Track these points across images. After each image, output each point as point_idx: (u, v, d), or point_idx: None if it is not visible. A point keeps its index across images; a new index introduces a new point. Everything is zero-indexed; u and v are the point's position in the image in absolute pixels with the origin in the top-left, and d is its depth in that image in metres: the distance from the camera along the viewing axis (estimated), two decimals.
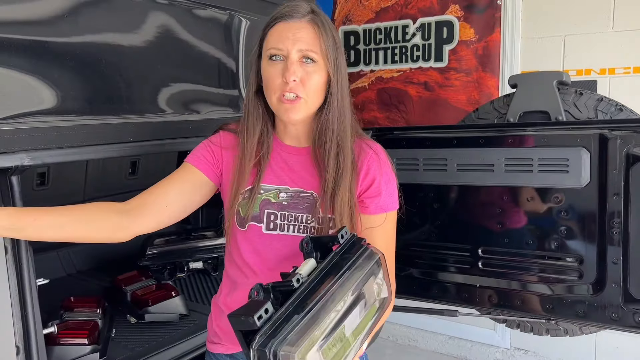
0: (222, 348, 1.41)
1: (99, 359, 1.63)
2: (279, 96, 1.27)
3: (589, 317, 1.91)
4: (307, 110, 1.30)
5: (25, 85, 1.37)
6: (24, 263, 1.34)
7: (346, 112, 1.33)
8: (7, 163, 1.28)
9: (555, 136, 1.94)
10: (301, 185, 1.34)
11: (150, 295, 1.98)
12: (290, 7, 1.29)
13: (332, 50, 1.27)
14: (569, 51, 3.14)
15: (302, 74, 1.25)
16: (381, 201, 1.34)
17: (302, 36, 1.25)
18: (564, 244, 1.95)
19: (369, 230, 1.34)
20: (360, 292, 1.09)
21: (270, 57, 1.27)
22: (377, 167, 1.34)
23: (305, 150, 1.37)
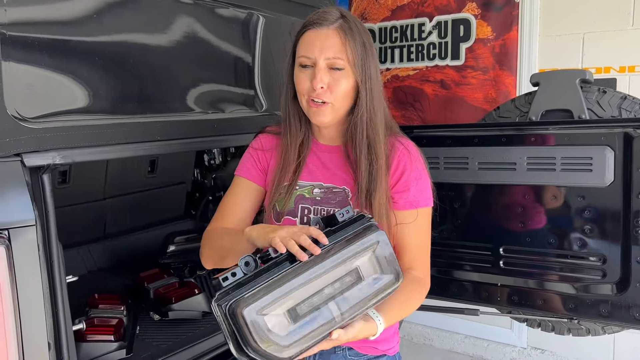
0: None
1: (126, 356, 1.64)
2: (307, 99, 1.33)
3: (612, 316, 1.90)
4: (335, 114, 1.34)
5: (55, 85, 1.39)
6: (54, 260, 1.36)
7: (377, 113, 1.35)
8: (39, 162, 1.30)
9: (579, 135, 1.93)
10: (333, 181, 1.39)
11: (173, 292, 1.99)
12: (319, 14, 1.33)
13: (360, 56, 1.30)
14: (588, 49, 3.11)
15: (329, 80, 1.30)
16: (410, 196, 1.36)
17: (329, 44, 1.29)
18: (587, 243, 1.94)
19: (401, 227, 1.36)
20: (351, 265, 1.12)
21: (301, 65, 1.33)
22: (406, 162, 1.37)
23: (338, 149, 1.42)
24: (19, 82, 1.30)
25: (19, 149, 1.27)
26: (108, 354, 1.61)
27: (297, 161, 1.40)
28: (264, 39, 1.98)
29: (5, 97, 1.26)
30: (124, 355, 1.65)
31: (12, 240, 1.22)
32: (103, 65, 1.47)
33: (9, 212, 1.24)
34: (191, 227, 2.99)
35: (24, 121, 1.29)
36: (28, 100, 1.31)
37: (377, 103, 1.35)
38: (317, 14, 1.33)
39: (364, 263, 1.14)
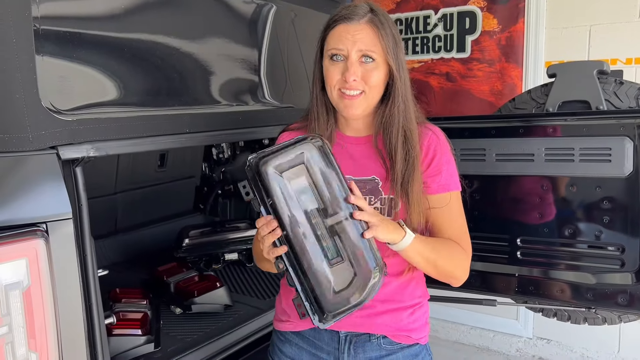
0: (290, 325, 1.46)
1: (154, 349, 1.64)
2: (338, 92, 1.34)
3: (631, 305, 1.92)
4: (367, 105, 1.36)
5: (87, 78, 1.38)
6: (88, 254, 1.35)
7: (410, 103, 1.39)
8: (73, 154, 1.29)
9: (597, 125, 1.94)
10: (362, 172, 1.39)
11: (195, 286, 1.99)
12: (349, 9, 1.34)
13: (392, 47, 1.33)
14: (595, 41, 3.13)
15: (362, 72, 1.32)
16: (442, 180, 1.39)
17: (361, 37, 1.31)
18: (606, 233, 1.95)
19: (435, 211, 1.39)
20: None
21: (332, 57, 1.34)
22: (436, 146, 1.40)
23: (365, 139, 1.43)
24: (52, 75, 1.29)
25: (54, 142, 1.26)
26: (137, 348, 1.60)
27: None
28: (289, 33, 1.98)
29: (39, 89, 1.24)
30: (152, 349, 1.64)
31: (50, 234, 1.21)
32: (133, 58, 1.46)
33: (47, 205, 1.23)
34: (201, 221, 2.98)
35: (58, 113, 1.28)
36: (61, 93, 1.30)
37: (409, 93, 1.39)
38: (347, 8, 1.35)
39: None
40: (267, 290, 2.23)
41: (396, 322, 1.40)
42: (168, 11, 1.56)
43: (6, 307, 1.13)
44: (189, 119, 1.56)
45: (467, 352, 3.65)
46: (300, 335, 1.45)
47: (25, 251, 1.16)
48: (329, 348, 1.41)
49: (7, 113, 1.20)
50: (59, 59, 1.31)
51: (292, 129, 1.48)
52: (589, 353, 3.36)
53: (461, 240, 1.43)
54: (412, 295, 1.44)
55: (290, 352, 1.46)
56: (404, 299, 1.42)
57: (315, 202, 1.16)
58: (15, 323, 1.15)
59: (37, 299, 1.18)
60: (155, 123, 1.48)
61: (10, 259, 1.14)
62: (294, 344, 1.46)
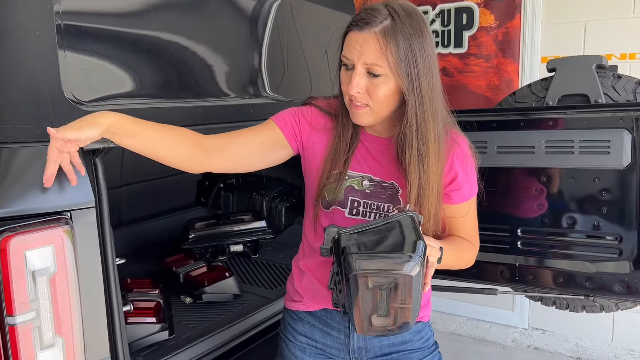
0: (303, 305, 1.51)
1: (169, 337, 1.68)
2: (348, 100, 1.31)
3: (629, 293, 1.98)
4: (376, 117, 1.31)
5: (106, 70, 1.41)
6: (107, 242, 1.38)
7: (428, 121, 1.27)
8: (94, 145, 1.31)
9: (596, 118, 1.99)
10: (382, 175, 1.39)
11: (205, 276, 2.02)
12: (365, 14, 1.24)
13: (404, 61, 1.21)
14: (590, 37, 3.20)
15: (367, 85, 1.25)
16: (464, 192, 1.41)
17: (367, 49, 1.22)
18: (604, 223, 2.01)
19: (454, 220, 1.43)
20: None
21: (344, 64, 1.30)
22: (460, 161, 1.38)
23: (388, 140, 1.38)
24: (74, 67, 1.32)
25: None
26: (151, 335, 1.64)
27: (346, 153, 1.38)
28: (298, 28, 2.02)
29: (62, 81, 1.27)
30: (167, 336, 1.68)
31: (74, 222, 1.25)
32: (149, 52, 1.49)
33: (70, 194, 1.26)
34: (203, 214, 3.01)
35: (80, 105, 1.31)
36: (82, 85, 1.33)
37: (430, 111, 1.27)
38: (364, 12, 1.25)
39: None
40: (274, 280, 2.27)
41: None
42: (182, 8, 1.59)
43: (34, 293, 1.17)
44: (203, 111, 1.60)
45: (464, 343, 3.71)
46: (313, 315, 1.50)
47: (52, 238, 1.19)
48: (340, 326, 1.47)
49: (32, 104, 1.23)
50: (80, 52, 1.34)
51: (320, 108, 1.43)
52: (583, 343, 3.44)
53: (473, 236, 1.50)
54: None
55: (302, 330, 1.51)
56: None
57: (389, 295, 1.17)
58: (42, 308, 1.18)
59: (63, 285, 1.21)
60: (171, 114, 1.51)
61: (38, 246, 1.17)
62: (306, 322, 1.51)
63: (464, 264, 1.47)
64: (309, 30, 2.08)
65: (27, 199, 1.20)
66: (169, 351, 1.63)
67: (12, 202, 1.18)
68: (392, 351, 1.47)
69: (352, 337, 1.46)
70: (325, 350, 1.49)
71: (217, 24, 1.69)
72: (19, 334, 1.15)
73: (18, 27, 1.22)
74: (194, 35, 1.61)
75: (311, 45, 2.10)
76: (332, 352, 1.49)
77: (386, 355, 1.47)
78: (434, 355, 1.51)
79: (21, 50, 1.22)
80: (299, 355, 1.51)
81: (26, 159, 1.23)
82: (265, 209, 2.88)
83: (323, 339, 1.49)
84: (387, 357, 1.47)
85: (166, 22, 1.55)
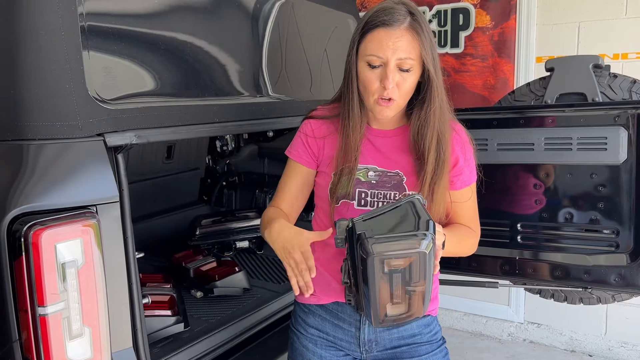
0: (314, 299, 1.55)
1: (184, 329, 1.72)
2: (376, 99, 1.37)
3: (625, 284, 2.05)
4: (398, 109, 1.41)
5: (128, 70, 1.46)
6: (129, 236, 1.42)
7: (445, 105, 1.42)
8: (118, 141, 1.36)
9: (594, 116, 2.06)
10: (386, 165, 1.46)
11: (215, 270, 2.07)
12: (389, 13, 1.32)
13: (430, 51, 1.34)
14: (583, 37, 3.28)
15: (398, 79, 1.34)
16: (465, 177, 1.49)
17: (401, 45, 1.31)
18: (602, 217, 2.08)
19: (458, 204, 1.50)
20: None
21: (369, 63, 1.35)
22: (460, 147, 1.47)
23: (392, 133, 1.49)
24: (97, 67, 1.36)
25: (100, 129, 1.33)
26: (167, 327, 1.68)
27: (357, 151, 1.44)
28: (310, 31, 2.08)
29: (86, 80, 1.31)
30: (182, 329, 1.72)
31: (100, 216, 1.29)
32: (168, 53, 1.54)
33: (96, 189, 1.30)
34: (206, 211, 3.06)
35: (103, 103, 1.35)
36: (106, 84, 1.37)
37: (444, 96, 1.41)
38: (386, 12, 1.32)
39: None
40: (280, 275, 2.31)
41: None
42: (200, 11, 1.65)
43: (63, 285, 1.21)
44: (218, 109, 1.64)
45: (461, 337, 3.78)
46: (324, 308, 1.54)
47: (81, 232, 1.23)
48: (351, 319, 1.51)
49: (59, 102, 1.27)
50: (103, 52, 1.39)
51: (318, 117, 1.52)
52: (577, 336, 3.52)
53: (473, 223, 1.57)
54: None
55: (314, 323, 1.56)
56: None
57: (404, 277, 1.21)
58: (71, 299, 1.22)
59: (90, 277, 1.26)
60: (189, 112, 1.55)
61: (68, 239, 1.21)
62: (317, 315, 1.56)
63: (466, 250, 1.54)
64: (316, 32, 2.14)
65: (54, 194, 1.24)
66: (185, 343, 1.67)
67: (40, 196, 1.22)
68: (402, 344, 1.52)
69: (363, 329, 1.50)
70: (336, 342, 1.54)
71: (230, 26, 1.75)
72: (49, 324, 1.19)
73: (44, 28, 1.26)
74: (209, 37, 1.66)
75: (316, 47, 2.16)
76: (343, 344, 1.53)
77: (395, 348, 1.52)
78: (442, 349, 1.55)
79: (47, 50, 1.26)
80: (310, 347, 1.56)
81: (53, 155, 1.26)
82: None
83: (334, 331, 1.53)
84: (397, 350, 1.52)
85: (183, 25, 1.60)
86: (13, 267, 1.18)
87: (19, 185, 1.21)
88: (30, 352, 1.20)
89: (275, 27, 1.93)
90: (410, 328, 1.51)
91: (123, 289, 1.37)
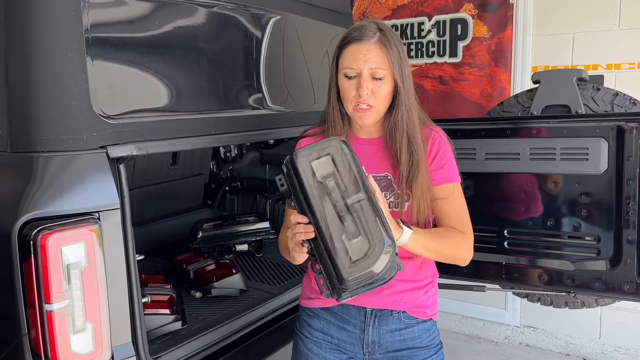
0: (319, 302, 1.62)
1: (181, 327, 1.84)
2: (354, 106, 1.52)
3: (606, 289, 2.13)
4: (378, 115, 1.54)
5: (131, 88, 1.58)
6: (129, 240, 1.54)
7: (413, 111, 1.55)
8: (120, 153, 1.48)
9: (576, 127, 2.15)
10: (375, 170, 1.56)
11: (213, 272, 2.19)
12: (359, 30, 1.50)
13: (397, 63, 1.49)
14: (578, 47, 3.36)
15: (372, 87, 1.49)
16: (445, 172, 1.57)
17: (371, 57, 1.48)
18: (584, 224, 2.16)
19: (442, 202, 1.56)
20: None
21: (346, 75, 1.51)
22: (439, 143, 1.58)
23: (377, 140, 1.61)
24: (101, 85, 1.48)
25: (103, 142, 1.45)
26: (166, 325, 1.80)
27: None
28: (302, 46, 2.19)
29: (91, 98, 1.44)
30: (180, 326, 1.84)
31: (102, 221, 1.41)
32: (167, 72, 1.67)
33: (99, 197, 1.42)
34: (209, 215, 3.18)
35: (107, 118, 1.47)
36: (109, 101, 1.49)
37: (413, 102, 1.55)
38: (357, 30, 1.51)
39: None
40: (277, 277, 2.43)
41: (414, 299, 1.58)
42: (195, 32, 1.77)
43: (68, 284, 1.33)
44: (214, 122, 1.76)
45: (458, 340, 3.86)
46: (329, 311, 1.61)
47: (84, 236, 1.35)
48: (356, 321, 1.58)
49: (66, 118, 1.39)
50: (106, 72, 1.51)
51: (310, 135, 1.64)
52: (572, 339, 3.59)
53: (463, 224, 1.60)
54: (425, 275, 1.62)
55: (319, 326, 1.63)
56: (419, 279, 1.60)
57: (338, 185, 1.33)
58: (75, 297, 1.34)
59: (93, 278, 1.38)
60: (186, 126, 1.67)
61: (72, 242, 1.33)
62: (322, 318, 1.62)
63: (450, 249, 1.56)
64: (312, 46, 2.26)
65: (60, 201, 1.36)
66: (182, 340, 1.78)
67: (48, 204, 1.34)
68: (403, 347, 1.57)
69: (367, 331, 1.57)
70: (340, 345, 1.60)
71: (225, 44, 1.86)
72: (55, 320, 1.31)
73: (54, 50, 1.38)
74: (204, 54, 1.78)
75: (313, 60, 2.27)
76: (347, 347, 1.59)
77: (397, 352, 1.58)
78: (439, 354, 1.62)
79: (56, 70, 1.39)
80: (315, 350, 1.63)
81: (60, 166, 1.39)
82: (269, 211, 3.06)
83: (338, 334, 1.60)
84: (398, 354, 1.58)
85: (179, 46, 1.72)
86: (23, 267, 1.30)
87: (29, 193, 1.33)
88: (37, 345, 1.32)
89: (269, 43, 2.04)
90: (411, 332, 1.58)
91: (123, 288, 1.48)
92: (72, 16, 1.41)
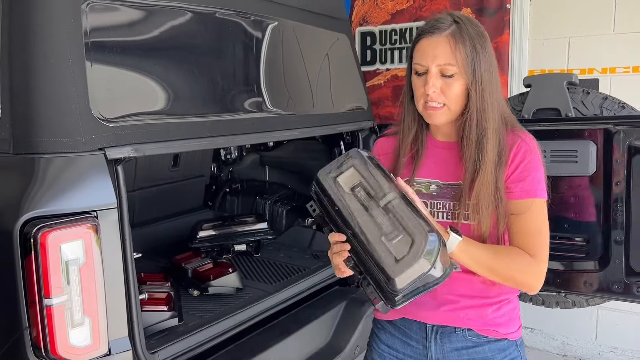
0: (384, 315, 1.58)
1: (178, 323, 1.89)
2: (423, 103, 1.43)
3: (595, 289, 2.17)
4: (450, 115, 1.43)
5: (128, 91, 1.64)
6: (126, 239, 1.60)
7: (488, 112, 1.40)
8: (118, 155, 1.54)
9: (566, 130, 2.20)
10: (449, 177, 1.47)
11: (211, 271, 2.25)
12: (432, 23, 1.40)
13: (470, 60, 1.36)
14: (573, 52, 3.40)
15: (441, 84, 1.38)
16: (526, 185, 1.40)
17: (439, 52, 1.36)
18: (573, 226, 2.21)
19: (516, 217, 1.40)
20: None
21: (416, 71, 1.42)
22: (524, 153, 1.42)
23: (454, 145, 1.49)
24: (100, 88, 1.54)
25: (102, 144, 1.51)
26: (163, 322, 1.86)
27: (408, 155, 1.49)
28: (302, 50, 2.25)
29: (90, 101, 1.50)
30: (177, 322, 1.89)
31: (99, 220, 1.47)
32: (164, 76, 1.73)
33: (97, 196, 1.48)
34: (211, 216, 3.24)
35: (105, 121, 1.53)
36: (107, 104, 1.56)
37: (489, 102, 1.39)
38: (431, 22, 1.41)
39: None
40: (273, 276, 2.48)
41: (481, 316, 1.46)
42: (193, 38, 1.83)
43: (67, 280, 1.39)
44: (209, 125, 1.82)
45: None
46: (393, 324, 1.58)
47: (82, 234, 1.41)
48: (418, 337, 1.52)
49: (66, 121, 1.46)
50: (105, 77, 1.57)
51: (388, 134, 1.59)
52: (569, 340, 3.62)
53: (533, 246, 1.40)
54: (499, 292, 1.47)
55: (385, 339, 1.60)
56: (490, 295, 1.46)
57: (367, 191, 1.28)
58: (73, 292, 1.40)
59: (90, 274, 1.44)
60: (182, 128, 1.73)
61: (71, 240, 1.39)
62: (387, 331, 1.59)
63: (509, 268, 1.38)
64: (308, 50, 2.32)
65: (60, 201, 1.42)
66: (178, 336, 1.83)
67: (48, 203, 1.41)
68: None
69: (430, 348, 1.50)
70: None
71: (223, 49, 1.93)
72: (54, 314, 1.37)
73: (55, 56, 1.45)
74: (201, 59, 1.84)
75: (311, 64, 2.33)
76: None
77: None
78: None
79: (57, 75, 1.45)
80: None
81: (60, 167, 1.45)
82: (268, 212, 3.12)
83: (403, 348, 1.55)
84: None
85: (177, 51, 1.79)
86: (24, 264, 1.37)
87: (30, 193, 1.40)
88: (38, 338, 1.38)
89: (265, 48, 2.10)
90: (481, 351, 1.47)
91: (120, 284, 1.54)
92: (72, 22, 1.48)
